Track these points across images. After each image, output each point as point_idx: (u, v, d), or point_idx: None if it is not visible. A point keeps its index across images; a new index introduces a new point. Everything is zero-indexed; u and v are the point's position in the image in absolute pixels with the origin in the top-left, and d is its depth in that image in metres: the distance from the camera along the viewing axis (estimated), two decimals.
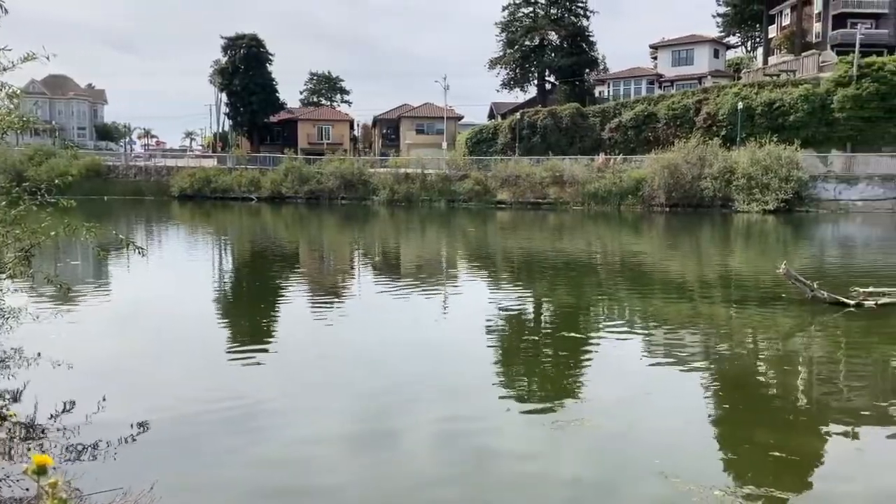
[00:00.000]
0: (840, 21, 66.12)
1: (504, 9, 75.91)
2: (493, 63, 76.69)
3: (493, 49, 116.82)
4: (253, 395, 8.29)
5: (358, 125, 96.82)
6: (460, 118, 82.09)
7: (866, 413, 7.71)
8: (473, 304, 14.98)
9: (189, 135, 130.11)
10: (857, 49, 54.12)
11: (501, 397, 8.25)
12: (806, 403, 8.21)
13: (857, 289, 13.78)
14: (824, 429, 7.36)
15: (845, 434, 7.17)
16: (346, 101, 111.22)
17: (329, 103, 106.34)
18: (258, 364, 9.67)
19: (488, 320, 12.67)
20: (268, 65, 79.88)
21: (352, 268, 22.02)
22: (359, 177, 58.93)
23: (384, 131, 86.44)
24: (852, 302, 13.10)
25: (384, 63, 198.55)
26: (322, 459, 6.60)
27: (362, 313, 13.97)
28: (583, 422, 7.33)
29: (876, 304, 13.18)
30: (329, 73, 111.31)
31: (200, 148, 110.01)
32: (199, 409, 7.76)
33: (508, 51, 75.21)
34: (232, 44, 78.60)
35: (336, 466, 6.44)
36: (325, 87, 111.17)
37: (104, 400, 7.87)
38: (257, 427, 7.27)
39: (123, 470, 6.08)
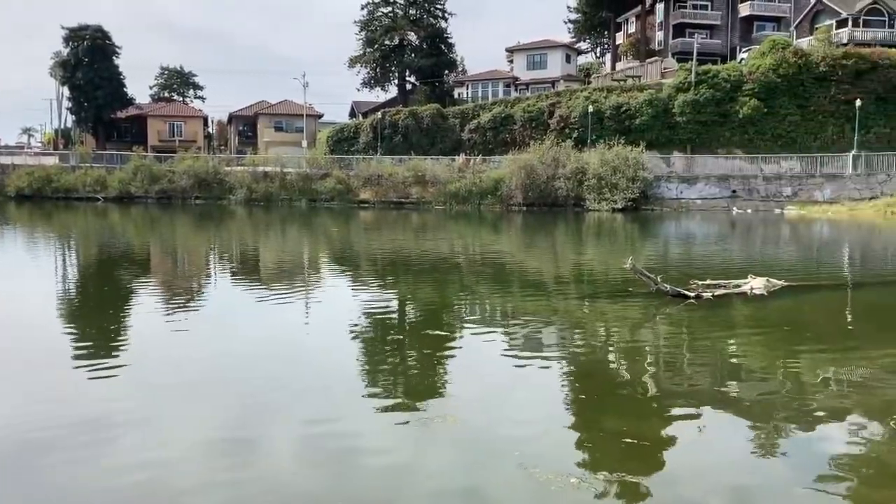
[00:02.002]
0: (679, 30, 70.74)
1: (363, 7, 75.68)
2: (353, 62, 76.27)
3: (352, 47, 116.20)
4: (103, 406, 7.82)
5: (213, 122, 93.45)
6: (320, 116, 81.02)
7: (707, 397, 8.29)
8: (337, 305, 14.85)
9: (27, 131, 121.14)
10: (694, 57, 58.05)
11: (365, 397, 8.23)
12: (654, 390, 8.72)
13: (695, 281, 14.80)
14: (671, 413, 7.84)
15: (689, 417, 7.67)
16: (199, 98, 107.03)
17: (181, 99, 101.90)
18: (109, 374, 9.12)
19: (352, 321, 12.59)
20: (114, 58, 75.65)
21: (208, 271, 21.24)
22: (214, 175, 56.95)
23: (241, 129, 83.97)
24: (692, 294, 14.04)
25: (240, 59, 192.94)
26: (181, 468, 6.33)
27: (220, 318, 13.51)
28: (446, 418, 7.44)
29: (713, 295, 14.21)
30: (181, 67, 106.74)
31: (40, 145, 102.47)
32: (45, 422, 7.23)
33: (368, 50, 75.04)
34: (74, 35, 73.82)
35: (196, 475, 6.20)
36: (178, 82, 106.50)
37: None
38: (109, 439, 6.87)
39: None
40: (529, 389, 8.79)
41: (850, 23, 60.11)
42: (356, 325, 12.38)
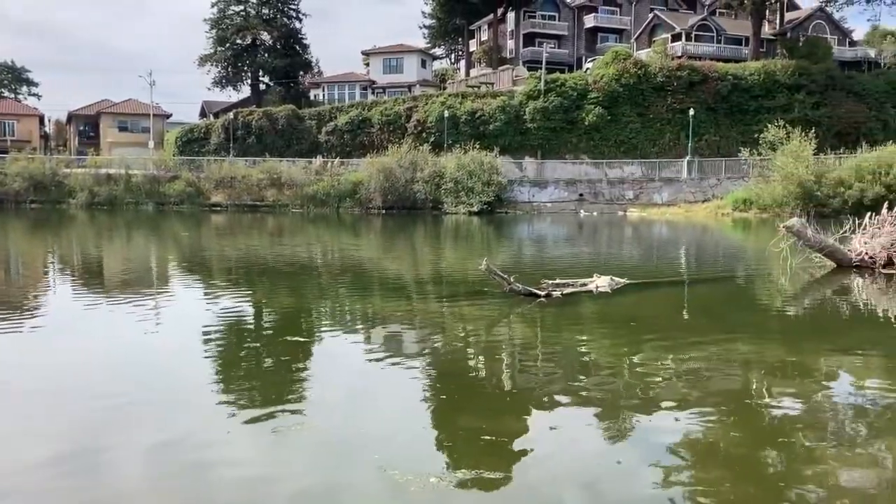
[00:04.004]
0: (529, 40, 73.37)
1: (213, 5, 73.27)
2: (203, 60, 73.68)
3: (202, 46, 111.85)
4: None
5: (49, 121, 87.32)
6: (168, 116, 77.55)
7: (560, 392, 8.65)
8: (188, 312, 14.27)
9: None
10: (543, 66, 60.41)
11: (221, 407, 7.96)
12: (510, 387, 9.00)
13: (546, 281, 15.40)
14: (526, 409, 8.11)
15: (544, 413, 7.97)
16: (34, 95, 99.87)
17: (13, 96, 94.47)
18: None
19: (205, 329, 12.12)
20: None
21: (46, 279, 19.80)
22: (52, 178, 53.31)
23: (81, 128, 78.96)
24: (542, 293, 14.60)
25: (79, 54, 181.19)
26: (23, 487, 5.86)
27: (61, 328, 12.63)
28: (303, 424, 7.34)
29: (562, 293, 14.84)
30: (12, 62, 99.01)
31: None
32: None
33: (219, 48, 72.74)
34: None
35: (33, 495, 5.77)
36: (8, 77, 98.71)
37: None
38: None
39: None
40: (389, 392, 8.83)
41: (683, 37, 64.58)
42: (209, 332, 11.94)
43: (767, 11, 68.11)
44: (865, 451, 6.74)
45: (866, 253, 18.75)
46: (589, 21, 73.99)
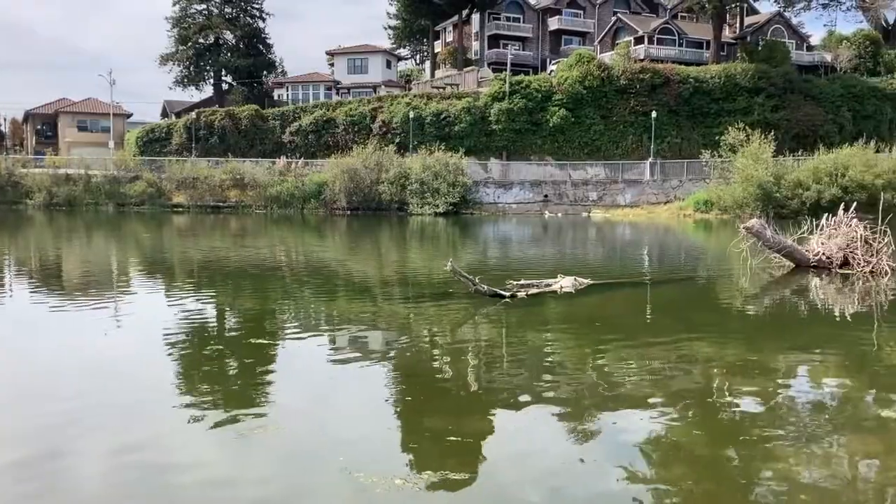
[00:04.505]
0: (494, 41, 73.59)
1: (175, 3, 72.25)
2: (165, 59, 72.63)
3: (164, 44, 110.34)
4: None
5: (5, 120, 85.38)
6: (129, 116, 76.28)
7: (525, 392, 8.68)
8: (150, 315, 14.04)
9: None
10: (508, 68, 60.67)
11: (182, 411, 7.85)
12: (476, 388, 9.01)
13: (511, 281, 15.47)
14: (492, 411, 8.13)
15: (509, 414, 7.99)
16: None
17: None
18: None
19: (167, 332, 11.94)
20: None
21: (1, 282, 19.32)
22: (8, 178, 52.14)
23: (39, 127, 77.23)
24: (507, 294, 14.65)
25: (37, 52, 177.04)
26: None
27: (18, 332, 12.35)
28: (267, 427, 7.27)
29: (526, 294, 14.92)
30: None
31: None
32: None
33: (181, 47, 71.73)
34: None
35: None
36: None
37: None
38: None
39: None
40: (354, 393, 8.78)
41: (645, 40, 65.33)
42: (171, 335, 11.76)
43: (728, 15, 69.22)
44: (823, 448, 6.88)
45: (823, 253, 19.16)
46: (553, 23, 74.45)
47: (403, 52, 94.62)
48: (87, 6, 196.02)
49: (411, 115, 56.54)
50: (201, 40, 71.96)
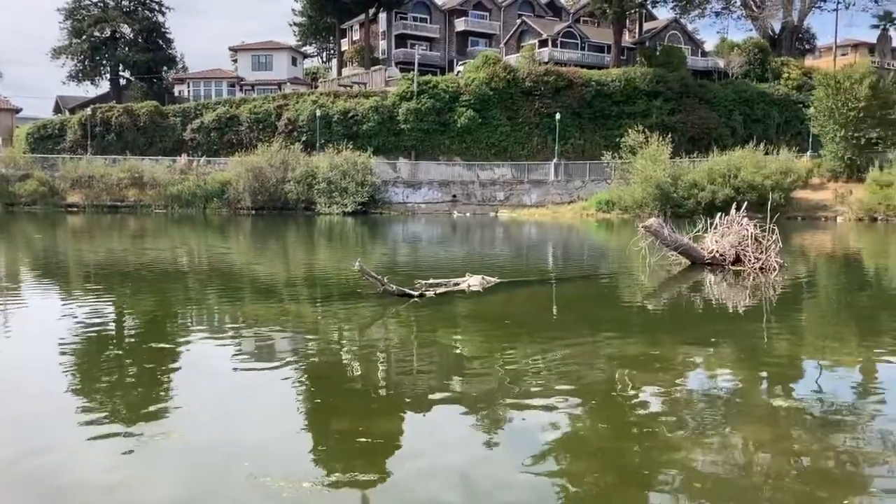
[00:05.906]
0: (402, 41, 73.66)
1: None
2: (58, 52, 69.31)
3: (56, 36, 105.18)
4: None
5: None
6: (18, 111, 72.30)
7: (435, 391, 8.71)
8: (42, 320, 13.34)
9: None
10: (416, 67, 60.84)
11: (76, 420, 7.48)
12: (386, 388, 8.98)
13: (419, 281, 15.51)
14: (401, 410, 8.12)
15: (418, 413, 8.00)
16: None
17: None
18: None
19: (61, 338, 11.37)
20: None
21: None
22: None
23: None
24: (416, 293, 14.68)
25: None
26: None
27: None
28: (169, 435, 7.02)
29: (435, 293, 14.99)
30: None
31: None
32: None
33: (75, 40, 68.60)
34: None
35: None
36: None
37: None
38: None
39: None
40: (260, 398, 8.59)
41: (550, 43, 66.73)
42: (65, 342, 11.20)
43: (627, 21, 71.56)
44: (718, 437, 7.20)
45: (717, 251, 20.06)
46: (460, 24, 75.11)
47: (310, 49, 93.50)
48: None
49: (318, 113, 55.91)
50: (97, 33, 68.99)
